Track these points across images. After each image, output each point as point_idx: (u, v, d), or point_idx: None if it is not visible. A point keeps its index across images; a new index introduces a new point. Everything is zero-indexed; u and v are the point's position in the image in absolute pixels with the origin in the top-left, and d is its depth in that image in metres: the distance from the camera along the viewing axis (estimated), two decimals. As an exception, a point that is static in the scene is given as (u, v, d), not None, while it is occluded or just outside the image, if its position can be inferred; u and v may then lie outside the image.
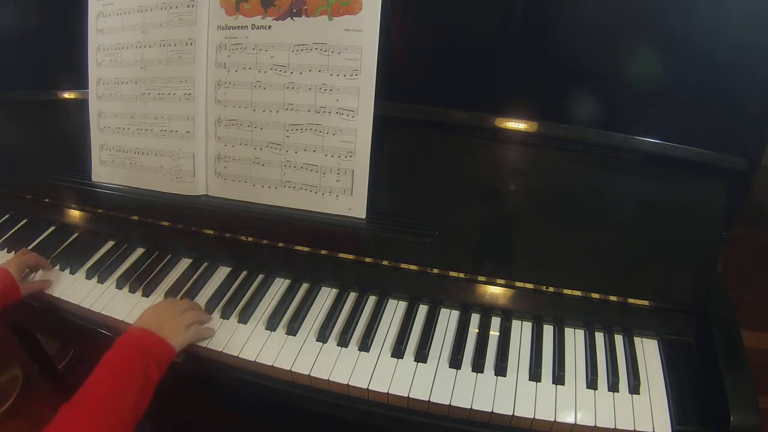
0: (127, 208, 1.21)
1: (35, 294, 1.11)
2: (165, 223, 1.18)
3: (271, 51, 1.03)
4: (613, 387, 0.90)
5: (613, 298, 0.99)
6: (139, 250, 1.21)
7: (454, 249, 1.02)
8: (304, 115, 1.03)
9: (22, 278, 1.08)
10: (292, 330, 1.00)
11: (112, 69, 1.16)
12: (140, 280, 1.10)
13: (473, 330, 1.00)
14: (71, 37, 1.19)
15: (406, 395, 0.89)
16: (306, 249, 1.09)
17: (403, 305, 1.05)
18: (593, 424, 0.86)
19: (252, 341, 0.98)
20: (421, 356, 0.95)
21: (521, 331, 1.00)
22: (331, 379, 0.92)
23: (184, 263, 1.16)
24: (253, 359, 0.95)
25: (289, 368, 0.94)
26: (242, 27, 1.04)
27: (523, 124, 0.98)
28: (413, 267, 1.05)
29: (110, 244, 1.23)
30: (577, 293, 1.00)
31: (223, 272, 1.14)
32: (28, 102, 1.31)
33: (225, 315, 1.03)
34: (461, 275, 1.03)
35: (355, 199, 1.04)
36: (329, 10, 0.99)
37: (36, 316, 1.15)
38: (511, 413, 0.87)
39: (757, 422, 0.81)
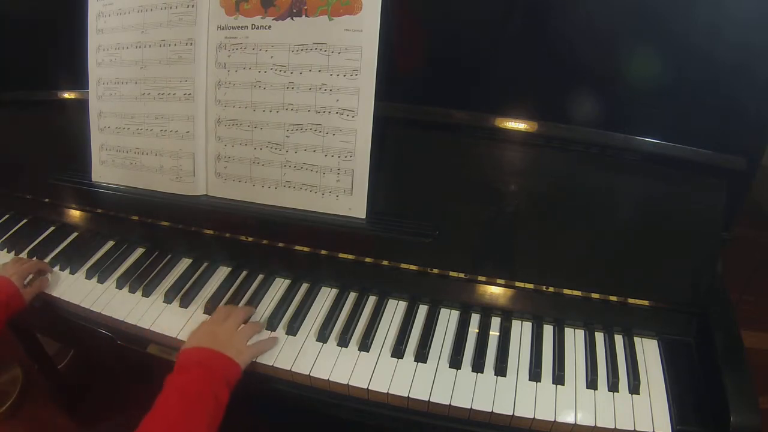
0: (127, 208, 1.21)
1: (37, 295, 1.10)
2: (165, 223, 1.18)
3: (271, 51, 1.03)
4: (613, 387, 0.90)
5: (613, 298, 0.99)
6: (139, 250, 1.21)
7: (454, 249, 1.02)
8: (304, 115, 1.03)
9: (23, 286, 1.06)
10: (292, 330, 1.00)
11: (112, 69, 1.16)
12: (140, 280, 1.10)
13: (473, 330, 1.00)
14: (71, 37, 1.19)
15: (406, 395, 0.89)
16: (306, 249, 1.09)
17: (403, 305, 1.05)
18: (593, 424, 0.86)
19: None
20: (421, 356, 0.95)
21: (521, 331, 1.00)
22: (331, 379, 0.92)
23: (184, 263, 1.16)
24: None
25: (289, 368, 0.94)
26: (242, 27, 1.04)
27: (523, 124, 0.99)
28: (413, 267, 1.05)
29: (110, 244, 1.23)
30: (577, 293, 1.00)
31: (223, 272, 1.14)
32: (28, 102, 1.31)
33: (225, 315, 1.03)
34: (461, 275, 1.03)
35: (355, 199, 1.04)
36: (329, 10, 0.99)
37: (36, 316, 1.15)
38: (511, 413, 0.87)
39: (757, 422, 0.81)
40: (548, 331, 1.00)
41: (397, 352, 0.95)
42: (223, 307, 1.02)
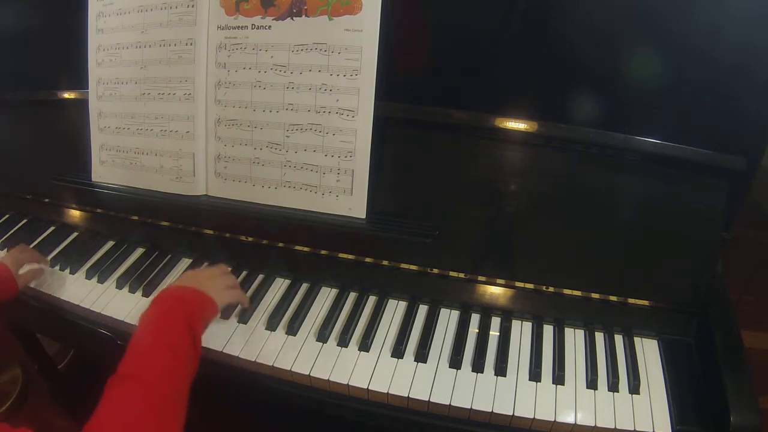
0: (127, 208, 1.21)
1: (34, 291, 1.10)
2: (165, 223, 1.18)
3: (271, 51, 1.03)
4: (613, 387, 0.90)
5: (613, 298, 0.99)
6: (139, 250, 1.20)
7: (454, 249, 1.02)
8: (304, 115, 1.03)
9: (18, 274, 1.06)
10: (292, 330, 1.00)
11: (112, 69, 1.16)
12: (140, 280, 1.10)
13: (473, 330, 1.00)
14: (71, 37, 1.19)
15: (406, 395, 0.89)
16: (306, 249, 1.09)
17: (403, 305, 1.05)
18: (593, 424, 0.86)
19: (252, 341, 0.98)
20: (421, 356, 0.95)
21: (521, 331, 1.00)
22: (331, 379, 0.92)
23: (184, 263, 1.16)
24: (253, 359, 0.95)
25: (289, 368, 0.94)
26: (242, 27, 1.04)
27: (523, 124, 0.98)
28: (413, 267, 1.05)
29: (110, 244, 1.23)
30: (577, 293, 1.00)
31: (223, 272, 1.14)
32: (28, 102, 1.31)
33: (225, 315, 1.03)
34: (461, 275, 1.03)
35: (355, 199, 1.04)
36: (329, 10, 0.99)
37: (36, 316, 1.15)
38: (511, 413, 0.87)
39: (757, 422, 0.81)
40: (548, 331, 1.00)
41: (397, 352, 0.95)
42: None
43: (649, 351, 0.97)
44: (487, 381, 0.91)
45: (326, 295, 1.08)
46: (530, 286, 1.01)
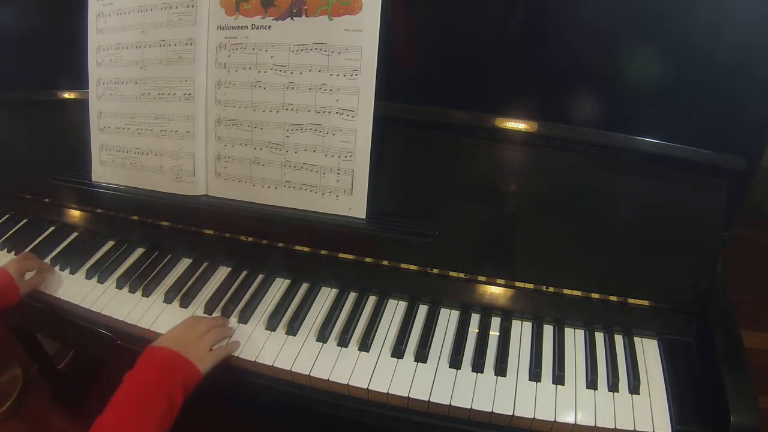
0: (127, 208, 1.21)
1: (33, 291, 1.10)
2: (165, 223, 1.18)
3: (271, 51, 1.03)
4: (613, 387, 0.90)
5: (613, 298, 0.99)
6: (139, 250, 1.20)
7: (454, 249, 1.02)
8: (304, 115, 1.03)
9: (21, 281, 1.07)
10: (292, 330, 1.00)
11: (112, 69, 1.16)
12: (140, 280, 1.10)
13: (473, 330, 1.00)
14: (71, 37, 1.19)
15: (406, 395, 0.89)
16: (306, 249, 1.09)
17: (403, 305, 1.05)
18: (593, 424, 0.86)
19: (252, 341, 0.98)
20: (421, 356, 0.95)
21: (521, 331, 1.00)
22: (331, 379, 0.92)
23: (184, 263, 1.16)
24: (252, 359, 0.95)
25: (289, 368, 0.94)
26: (242, 27, 1.04)
27: (523, 124, 0.99)
28: (413, 267, 1.05)
29: (110, 244, 1.23)
30: (577, 293, 1.00)
31: (223, 272, 1.14)
32: (28, 102, 1.31)
33: (225, 315, 1.03)
34: (461, 275, 1.03)
35: (355, 199, 1.04)
36: (329, 10, 0.99)
37: (36, 316, 1.15)
38: (511, 413, 0.87)
39: (757, 422, 0.81)
40: (548, 331, 1.00)
41: (397, 352, 0.95)
42: (194, 316, 1.01)
43: (649, 351, 0.97)
44: (487, 381, 0.91)
45: (326, 295, 1.08)
46: (530, 286, 1.01)
